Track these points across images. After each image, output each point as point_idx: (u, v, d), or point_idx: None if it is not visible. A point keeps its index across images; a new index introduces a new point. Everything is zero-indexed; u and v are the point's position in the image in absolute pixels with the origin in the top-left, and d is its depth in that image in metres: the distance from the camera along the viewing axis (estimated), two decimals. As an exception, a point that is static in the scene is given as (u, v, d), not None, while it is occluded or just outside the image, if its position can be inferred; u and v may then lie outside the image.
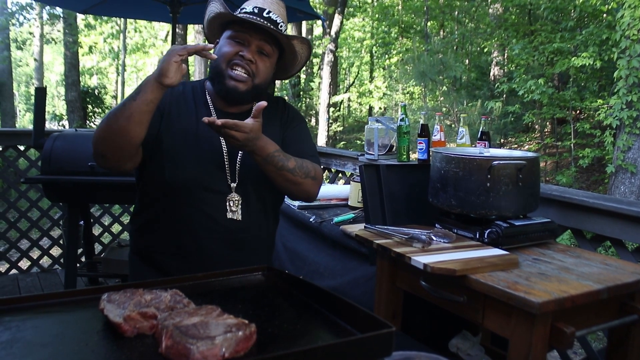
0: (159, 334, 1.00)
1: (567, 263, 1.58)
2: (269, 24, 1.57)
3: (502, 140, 12.22)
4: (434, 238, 1.69)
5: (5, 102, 13.23)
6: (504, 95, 11.62)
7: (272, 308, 1.22)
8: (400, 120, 2.66)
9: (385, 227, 1.79)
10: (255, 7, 1.59)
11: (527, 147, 12.20)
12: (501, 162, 1.70)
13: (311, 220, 2.49)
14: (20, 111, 25.47)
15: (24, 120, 24.77)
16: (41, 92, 3.27)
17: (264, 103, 1.42)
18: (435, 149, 2.03)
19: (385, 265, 1.80)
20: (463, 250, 1.61)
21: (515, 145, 12.35)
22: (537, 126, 12.72)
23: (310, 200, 1.77)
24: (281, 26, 1.61)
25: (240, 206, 1.59)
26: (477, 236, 1.73)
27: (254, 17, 1.56)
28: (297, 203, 2.75)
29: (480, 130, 2.30)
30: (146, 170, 1.61)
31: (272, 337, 1.05)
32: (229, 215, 1.58)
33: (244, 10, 1.60)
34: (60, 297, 1.24)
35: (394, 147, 2.82)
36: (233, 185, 1.60)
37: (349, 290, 2.18)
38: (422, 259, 1.48)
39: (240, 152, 1.62)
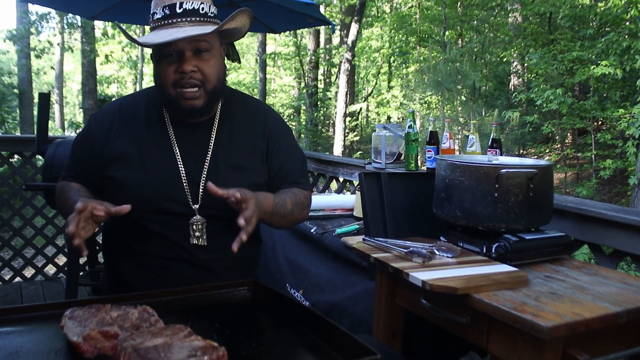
0: (118, 356, 0.91)
1: (582, 281, 1.44)
2: (188, 20, 1.36)
3: (521, 151, 11.99)
4: (437, 252, 1.57)
5: (24, 110, 13.40)
6: (524, 105, 11.39)
7: (251, 328, 1.12)
8: (408, 127, 2.55)
9: (385, 239, 1.67)
10: (164, 6, 1.37)
11: (547, 157, 11.95)
12: (510, 170, 1.57)
13: (312, 231, 2.38)
14: (41, 119, 25.80)
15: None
16: (45, 98, 3.22)
17: (214, 188, 1.27)
18: (440, 156, 1.91)
19: (384, 280, 1.68)
20: (467, 265, 1.48)
21: (535, 157, 12.10)
22: (557, 137, 12.47)
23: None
24: (203, 9, 1.39)
25: (205, 229, 1.45)
26: (484, 250, 1.60)
27: (169, 21, 1.36)
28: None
29: (491, 137, 2.16)
30: (104, 197, 1.47)
31: (244, 362, 0.94)
32: (193, 240, 1.44)
33: (155, 17, 1.39)
34: (25, 312, 1.15)
35: (402, 155, 2.71)
36: (195, 207, 1.45)
37: (349, 305, 2.06)
38: (421, 276, 1.36)
39: (203, 171, 1.47)
